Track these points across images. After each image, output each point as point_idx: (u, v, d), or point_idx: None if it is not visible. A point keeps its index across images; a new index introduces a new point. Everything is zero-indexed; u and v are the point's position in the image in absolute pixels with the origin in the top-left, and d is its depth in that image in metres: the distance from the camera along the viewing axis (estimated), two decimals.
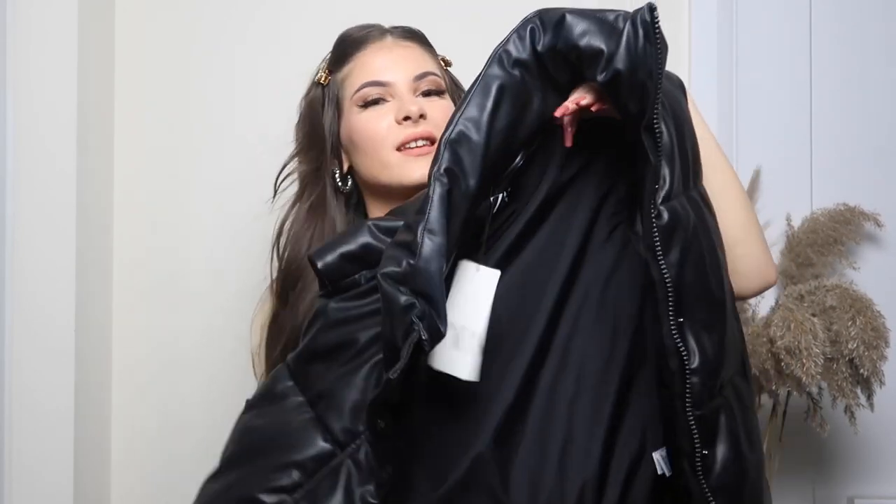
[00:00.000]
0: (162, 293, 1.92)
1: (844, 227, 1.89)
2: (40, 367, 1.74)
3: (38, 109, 1.75)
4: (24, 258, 1.75)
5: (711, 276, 1.05)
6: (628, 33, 1.01)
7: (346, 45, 1.38)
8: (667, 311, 1.02)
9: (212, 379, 1.91)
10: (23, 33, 1.75)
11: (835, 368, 1.63)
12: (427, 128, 1.28)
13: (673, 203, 1.03)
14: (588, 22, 1.03)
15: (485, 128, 1.03)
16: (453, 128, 1.02)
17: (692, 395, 1.02)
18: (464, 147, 1.02)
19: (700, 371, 1.02)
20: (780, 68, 2.00)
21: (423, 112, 1.28)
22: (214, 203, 1.93)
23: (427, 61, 1.35)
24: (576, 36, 1.02)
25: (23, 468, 1.73)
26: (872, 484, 1.96)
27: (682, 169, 1.05)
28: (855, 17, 2.00)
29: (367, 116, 1.31)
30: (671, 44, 1.09)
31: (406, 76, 1.31)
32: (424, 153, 1.27)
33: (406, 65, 1.32)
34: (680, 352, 1.02)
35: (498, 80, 1.04)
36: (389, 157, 1.29)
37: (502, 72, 1.04)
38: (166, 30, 1.94)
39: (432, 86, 1.33)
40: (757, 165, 1.97)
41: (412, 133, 1.28)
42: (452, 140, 1.02)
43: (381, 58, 1.33)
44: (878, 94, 2.00)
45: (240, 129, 1.93)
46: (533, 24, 1.06)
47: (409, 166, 1.28)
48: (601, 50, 1.01)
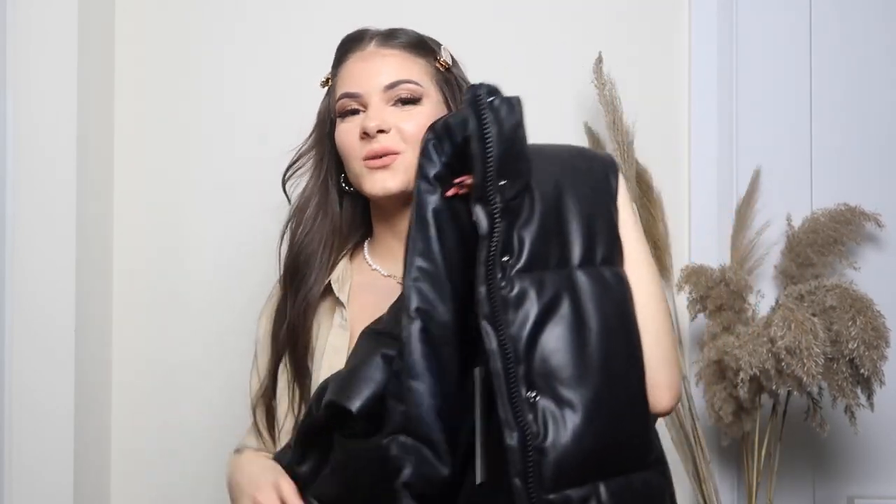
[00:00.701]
0: (161, 294, 1.92)
1: (845, 227, 1.90)
2: (40, 368, 1.74)
3: (37, 111, 1.75)
4: (24, 260, 1.74)
5: (594, 353, 1.03)
6: (471, 115, 1.06)
7: (339, 51, 1.41)
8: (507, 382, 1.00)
9: (212, 379, 1.91)
10: (23, 33, 1.75)
11: (835, 368, 1.63)
12: (385, 143, 1.30)
13: (535, 275, 1.03)
14: (462, 115, 1.07)
15: (438, 255, 1.05)
16: (410, 269, 1.05)
17: (534, 478, 0.99)
18: (426, 282, 1.04)
19: (549, 451, 0.99)
20: (780, 68, 2.00)
21: (381, 127, 1.30)
22: (215, 205, 1.93)
23: (407, 68, 1.34)
24: (459, 133, 1.08)
25: (23, 468, 1.73)
26: (872, 484, 1.96)
27: (559, 244, 1.06)
28: (855, 18, 2.00)
29: (344, 128, 1.35)
30: (671, 45, 1.09)
31: (376, 86, 1.32)
32: (380, 166, 1.31)
33: (378, 75, 1.33)
34: (521, 426, 0.99)
35: (430, 206, 1.07)
36: (360, 168, 1.33)
37: (430, 196, 1.07)
38: (166, 31, 1.94)
39: (406, 93, 1.33)
40: (757, 165, 1.97)
41: (370, 149, 1.31)
42: (415, 279, 1.04)
43: (358, 68, 1.35)
44: (878, 94, 2.00)
45: (242, 132, 1.93)
46: (430, 140, 1.09)
47: (371, 178, 1.32)
48: (467, 136, 1.06)
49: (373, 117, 1.30)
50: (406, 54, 1.36)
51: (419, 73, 1.35)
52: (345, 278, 1.39)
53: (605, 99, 1.83)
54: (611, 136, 1.84)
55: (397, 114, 1.32)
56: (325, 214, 1.40)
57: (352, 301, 1.37)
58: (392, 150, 1.30)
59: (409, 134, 1.30)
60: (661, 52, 1.97)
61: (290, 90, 1.94)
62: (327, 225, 1.40)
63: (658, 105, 1.96)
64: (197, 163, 1.93)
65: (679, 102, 1.97)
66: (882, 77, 2.00)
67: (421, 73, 1.35)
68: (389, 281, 1.38)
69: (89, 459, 1.81)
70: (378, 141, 1.30)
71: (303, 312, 1.36)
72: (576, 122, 1.94)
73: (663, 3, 1.98)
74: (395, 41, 1.37)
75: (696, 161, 1.96)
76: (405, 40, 1.38)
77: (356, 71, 1.35)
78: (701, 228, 1.95)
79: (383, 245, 1.41)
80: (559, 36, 1.96)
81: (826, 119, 2.00)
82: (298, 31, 1.95)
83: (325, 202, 1.40)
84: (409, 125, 1.31)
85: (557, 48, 1.96)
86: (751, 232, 1.95)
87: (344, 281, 1.38)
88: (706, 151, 1.95)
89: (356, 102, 1.33)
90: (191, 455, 1.91)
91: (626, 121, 1.84)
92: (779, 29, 2.00)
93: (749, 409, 1.68)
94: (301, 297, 1.37)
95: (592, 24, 1.96)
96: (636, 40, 1.97)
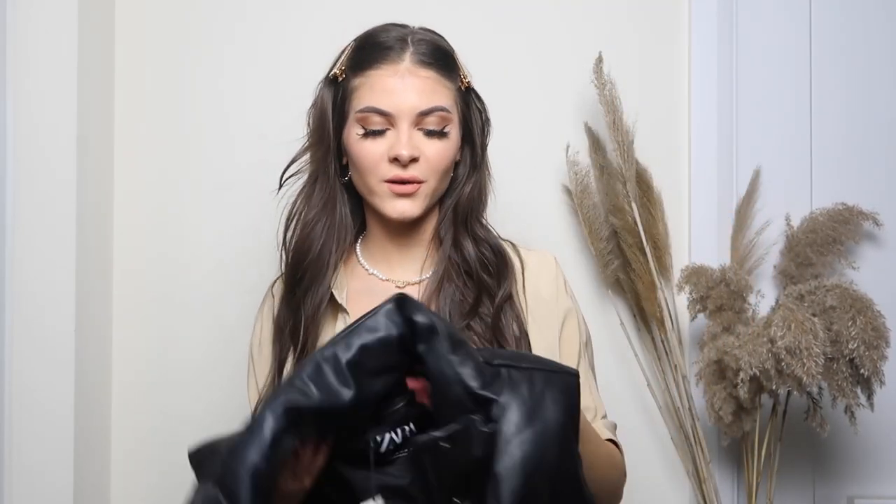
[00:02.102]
0: (162, 294, 1.92)
1: (843, 227, 1.90)
2: (40, 368, 1.74)
3: (37, 111, 1.75)
4: (24, 260, 1.74)
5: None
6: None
7: (365, 51, 1.36)
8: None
9: (212, 379, 1.91)
10: (23, 33, 1.74)
11: (835, 368, 1.63)
12: (414, 173, 1.31)
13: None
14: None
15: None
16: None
17: None
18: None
19: None
20: (780, 69, 2.00)
21: (413, 156, 1.30)
22: (215, 205, 1.93)
23: (439, 93, 1.33)
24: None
25: (23, 468, 1.73)
26: (872, 484, 1.96)
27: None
28: (855, 18, 2.01)
29: (366, 145, 1.32)
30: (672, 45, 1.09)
31: (411, 110, 1.30)
32: (407, 193, 1.31)
33: (414, 96, 1.30)
34: None
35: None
36: (378, 186, 1.32)
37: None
38: (166, 31, 1.94)
39: (436, 125, 1.32)
40: (757, 165, 1.97)
41: (397, 175, 1.30)
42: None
43: (392, 84, 1.31)
44: (878, 94, 2.00)
45: (242, 131, 1.93)
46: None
47: (391, 202, 1.32)
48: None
49: (406, 144, 1.29)
50: (439, 77, 1.34)
51: (449, 98, 1.34)
52: (342, 282, 1.38)
53: (605, 99, 1.83)
54: (611, 136, 1.84)
55: (425, 142, 1.31)
56: (330, 213, 1.38)
57: (350, 306, 1.36)
58: (419, 180, 1.31)
59: (435, 165, 1.32)
60: (661, 52, 1.97)
61: (290, 90, 1.94)
62: (332, 224, 1.38)
63: (658, 105, 1.96)
64: (197, 163, 1.93)
65: (679, 102, 1.97)
66: (882, 77, 2.00)
67: (450, 99, 1.35)
68: (388, 285, 1.38)
69: (89, 459, 1.81)
70: (408, 170, 1.30)
71: (311, 316, 1.34)
72: (576, 122, 1.94)
73: (663, 4, 1.98)
74: (432, 60, 1.34)
75: (696, 161, 1.96)
76: (439, 60, 1.35)
77: (389, 87, 1.31)
78: (701, 228, 1.95)
79: (378, 247, 1.40)
80: (559, 36, 1.96)
81: (826, 119, 2.00)
82: (298, 31, 1.95)
83: (331, 201, 1.38)
84: (435, 156, 1.31)
85: (557, 48, 1.96)
86: (751, 232, 1.95)
87: (342, 285, 1.37)
88: (706, 151, 1.96)
89: (384, 120, 1.31)
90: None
91: (626, 121, 1.84)
92: (779, 29, 2.00)
93: (749, 409, 1.68)
94: (311, 299, 1.35)
95: (592, 24, 1.96)
96: (636, 40, 1.97)
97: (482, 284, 1.34)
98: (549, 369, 1.04)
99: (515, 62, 1.92)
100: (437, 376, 0.98)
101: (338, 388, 0.99)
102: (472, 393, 0.97)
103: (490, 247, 1.38)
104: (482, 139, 1.41)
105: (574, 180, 1.88)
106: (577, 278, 1.90)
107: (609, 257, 1.89)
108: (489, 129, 1.43)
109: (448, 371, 0.98)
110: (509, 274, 1.37)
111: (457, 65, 1.38)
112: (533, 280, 1.39)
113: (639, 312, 1.93)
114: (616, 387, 1.92)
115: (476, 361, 1.00)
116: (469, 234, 1.37)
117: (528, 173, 1.94)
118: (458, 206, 1.38)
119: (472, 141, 1.39)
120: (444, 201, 1.39)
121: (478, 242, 1.37)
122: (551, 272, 1.41)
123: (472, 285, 1.34)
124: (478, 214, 1.40)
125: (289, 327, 1.36)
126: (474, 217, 1.39)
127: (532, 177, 1.94)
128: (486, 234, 1.40)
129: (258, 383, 1.41)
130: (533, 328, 1.35)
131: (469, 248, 1.36)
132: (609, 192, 1.88)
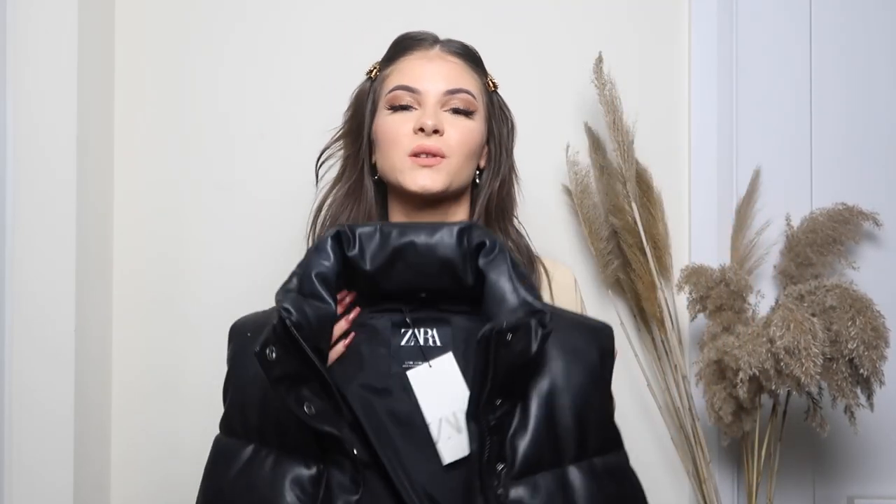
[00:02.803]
0: (162, 294, 1.92)
1: (843, 227, 1.90)
2: (40, 368, 1.74)
3: (37, 111, 1.75)
4: (24, 260, 1.74)
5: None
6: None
7: (397, 47, 1.42)
8: None
9: (212, 379, 1.90)
10: (23, 33, 1.75)
11: (835, 368, 1.63)
12: (438, 144, 1.33)
13: (529, 480, 1.05)
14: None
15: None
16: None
17: None
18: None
19: None
20: (780, 68, 2.00)
21: (437, 128, 1.33)
22: (215, 205, 1.93)
23: (466, 79, 1.38)
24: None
25: (23, 468, 1.73)
26: (872, 484, 1.96)
27: (552, 445, 1.07)
28: (855, 18, 2.01)
29: (393, 119, 1.36)
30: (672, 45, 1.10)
31: (438, 88, 1.35)
32: (429, 164, 1.33)
33: (441, 77, 1.36)
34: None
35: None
36: (402, 161, 1.34)
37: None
38: (166, 31, 1.94)
39: (462, 104, 1.36)
40: (757, 165, 1.97)
41: (423, 144, 1.33)
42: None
43: (421, 66, 1.37)
44: (878, 94, 2.00)
45: (242, 131, 1.93)
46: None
47: (413, 174, 1.34)
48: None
49: (430, 116, 1.33)
50: (466, 65, 1.39)
51: (476, 86, 1.39)
52: None
53: (605, 99, 1.83)
54: (611, 136, 1.84)
55: (450, 120, 1.35)
56: (357, 202, 1.40)
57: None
58: (442, 153, 1.33)
59: (457, 143, 1.34)
60: (661, 52, 1.97)
61: (290, 90, 1.94)
62: (358, 214, 1.40)
63: (658, 105, 1.97)
64: (197, 163, 1.93)
65: (679, 102, 1.97)
66: (882, 77, 2.00)
67: (477, 87, 1.39)
68: None
69: (89, 459, 1.81)
70: (432, 140, 1.33)
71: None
72: (576, 122, 1.94)
73: (663, 4, 1.98)
74: (462, 53, 1.40)
75: (696, 161, 1.96)
76: (468, 54, 1.41)
77: (418, 67, 1.37)
78: (701, 228, 1.95)
79: None
80: (559, 36, 1.97)
81: (826, 119, 2.00)
82: (298, 31, 1.95)
83: (358, 189, 1.41)
84: (458, 135, 1.34)
85: (557, 48, 1.96)
86: (751, 232, 1.96)
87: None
88: (706, 151, 1.96)
89: (412, 98, 1.35)
90: (191, 455, 1.90)
91: (626, 121, 1.84)
92: (779, 29, 2.00)
93: (749, 409, 1.68)
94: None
95: (592, 24, 1.97)
96: (636, 40, 1.97)
97: None
98: (593, 323, 1.16)
99: (515, 62, 1.92)
100: (496, 287, 1.07)
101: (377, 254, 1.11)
102: (527, 302, 1.06)
103: (524, 252, 1.41)
104: (508, 143, 1.44)
105: (574, 180, 1.88)
106: (578, 278, 1.89)
107: (609, 257, 1.89)
108: (515, 134, 1.46)
109: (505, 285, 1.07)
110: (539, 283, 1.39)
111: (484, 67, 1.43)
112: (556, 294, 1.42)
113: (639, 312, 1.93)
114: (616, 387, 1.92)
115: (531, 282, 1.10)
116: (504, 232, 1.40)
117: (528, 173, 1.92)
118: (489, 203, 1.40)
119: (497, 143, 1.43)
120: (474, 202, 1.41)
121: (514, 243, 1.40)
122: (572, 291, 1.45)
123: None
124: (511, 215, 1.43)
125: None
126: (508, 218, 1.42)
127: (532, 177, 1.93)
128: (519, 239, 1.42)
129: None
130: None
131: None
132: (609, 192, 1.88)
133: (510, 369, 1.03)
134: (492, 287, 1.08)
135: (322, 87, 1.91)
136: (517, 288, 1.07)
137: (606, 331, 1.15)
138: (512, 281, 1.08)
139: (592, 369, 1.11)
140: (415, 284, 1.12)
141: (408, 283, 1.11)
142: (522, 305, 1.05)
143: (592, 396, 1.11)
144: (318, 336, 1.06)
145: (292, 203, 1.74)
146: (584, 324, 1.16)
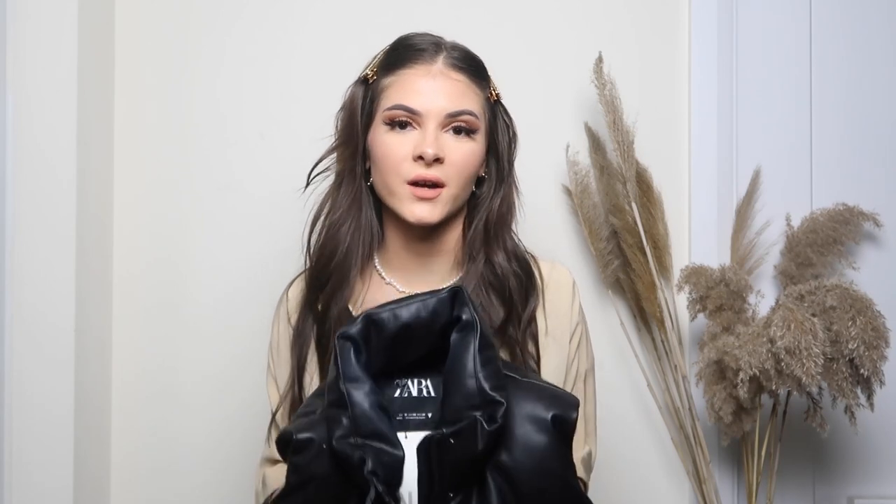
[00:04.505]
0: (161, 295, 1.92)
1: (843, 227, 1.90)
2: (40, 368, 1.74)
3: (37, 111, 1.75)
4: (24, 261, 1.74)
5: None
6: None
7: (398, 53, 1.36)
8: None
9: (211, 379, 1.91)
10: (23, 33, 1.74)
11: (835, 368, 1.63)
12: (437, 173, 1.29)
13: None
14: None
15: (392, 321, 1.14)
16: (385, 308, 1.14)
17: None
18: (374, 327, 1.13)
19: None
20: (780, 68, 2.00)
21: (438, 156, 1.28)
22: (215, 207, 1.93)
23: (469, 98, 1.32)
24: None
25: (23, 468, 1.73)
26: (872, 484, 1.96)
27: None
28: (855, 18, 2.01)
29: (391, 139, 1.31)
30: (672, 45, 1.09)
31: (439, 111, 1.30)
32: (428, 197, 1.29)
33: (444, 97, 1.30)
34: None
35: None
36: (399, 187, 1.30)
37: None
38: (166, 31, 1.94)
39: (464, 125, 1.31)
40: (757, 165, 1.97)
41: (422, 174, 1.28)
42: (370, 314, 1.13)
43: (422, 84, 1.31)
44: (878, 94, 2.00)
45: (242, 132, 1.93)
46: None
47: (412, 206, 1.30)
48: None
49: (431, 143, 1.28)
50: (470, 82, 1.34)
51: (478, 104, 1.34)
52: (358, 291, 1.36)
53: (605, 99, 1.83)
54: (611, 136, 1.84)
55: (451, 144, 1.30)
56: (356, 215, 1.36)
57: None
58: (441, 182, 1.29)
59: (459, 168, 1.30)
60: (662, 52, 1.97)
61: (290, 91, 1.94)
62: (357, 226, 1.36)
63: (658, 105, 1.96)
64: (197, 164, 1.93)
65: (679, 102, 1.97)
66: (882, 77, 2.00)
67: (479, 106, 1.34)
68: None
69: (89, 459, 1.81)
70: (432, 170, 1.28)
71: (337, 318, 1.33)
72: (576, 122, 1.94)
73: (663, 4, 1.98)
74: (466, 66, 1.34)
75: (696, 161, 1.96)
76: (472, 66, 1.35)
77: (419, 86, 1.30)
78: (701, 228, 1.95)
79: (397, 258, 1.38)
80: (559, 36, 1.97)
81: (826, 119, 2.00)
82: (298, 31, 1.95)
83: (356, 202, 1.36)
84: (461, 159, 1.30)
85: (557, 48, 1.96)
86: (751, 232, 1.96)
87: (358, 294, 1.36)
88: (706, 151, 1.96)
89: (412, 119, 1.30)
90: (191, 455, 1.91)
91: (626, 121, 1.84)
92: (779, 29, 2.00)
93: (749, 409, 1.68)
94: (336, 303, 1.34)
95: (592, 24, 1.97)
96: (636, 40, 1.97)
97: (510, 303, 1.33)
98: (554, 391, 1.17)
99: (516, 62, 1.92)
100: (457, 366, 1.10)
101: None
102: (483, 391, 1.08)
103: (519, 261, 1.37)
104: (509, 154, 1.40)
105: (574, 180, 1.88)
106: (578, 278, 1.88)
107: (609, 257, 1.89)
108: (516, 144, 1.42)
109: (469, 365, 1.09)
110: (534, 292, 1.37)
111: (488, 75, 1.38)
112: (552, 298, 1.38)
113: (639, 312, 1.93)
114: (616, 387, 1.93)
115: (496, 366, 1.11)
116: (501, 247, 1.36)
117: (528, 173, 1.92)
118: (487, 222, 1.37)
119: (498, 154, 1.38)
120: (472, 218, 1.38)
121: (509, 255, 1.36)
122: (568, 293, 1.41)
123: (500, 303, 1.34)
124: (508, 227, 1.39)
125: (313, 332, 1.35)
126: (505, 230, 1.38)
127: (532, 177, 1.93)
128: (515, 247, 1.39)
129: (278, 387, 1.40)
130: (550, 342, 1.35)
131: (501, 260, 1.35)
132: (609, 192, 1.88)
133: (457, 468, 1.07)
134: (454, 363, 1.10)
135: (322, 87, 1.90)
136: (478, 372, 1.08)
137: (568, 398, 1.15)
138: (475, 362, 1.09)
139: (551, 438, 1.11)
140: (410, 354, 1.16)
141: (404, 354, 1.16)
142: (479, 394, 1.07)
143: (552, 464, 1.11)
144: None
145: (292, 204, 1.74)
146: (545, 390, 1.16)
